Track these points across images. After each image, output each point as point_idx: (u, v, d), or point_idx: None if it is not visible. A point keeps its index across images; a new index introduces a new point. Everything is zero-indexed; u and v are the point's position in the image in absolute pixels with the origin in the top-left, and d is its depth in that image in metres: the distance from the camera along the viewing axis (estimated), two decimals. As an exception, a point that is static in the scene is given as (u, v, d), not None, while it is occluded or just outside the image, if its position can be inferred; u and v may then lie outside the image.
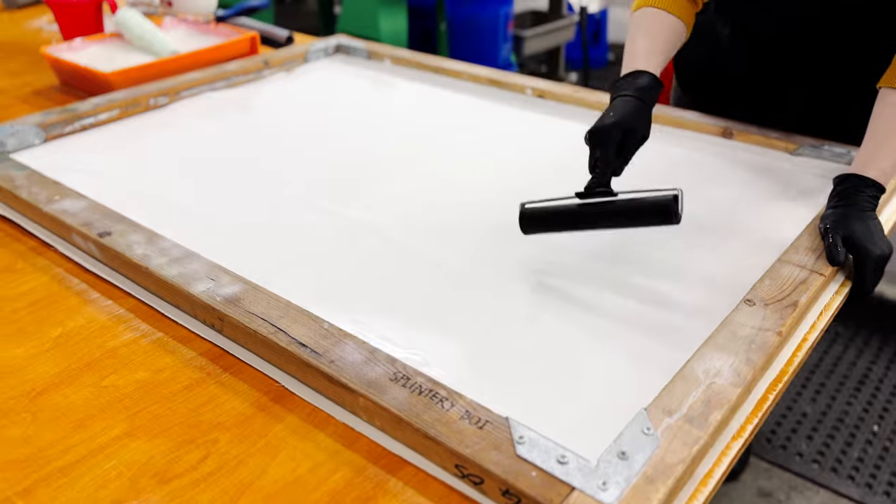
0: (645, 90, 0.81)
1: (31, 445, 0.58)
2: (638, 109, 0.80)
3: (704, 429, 0.55)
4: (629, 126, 0.78)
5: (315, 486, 0.55)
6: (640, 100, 0.81)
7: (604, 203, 0.78)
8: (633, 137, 0.79)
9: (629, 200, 0.76)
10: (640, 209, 0.76)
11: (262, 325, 0.66)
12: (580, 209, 0.78)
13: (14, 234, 0.89)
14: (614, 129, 0.77)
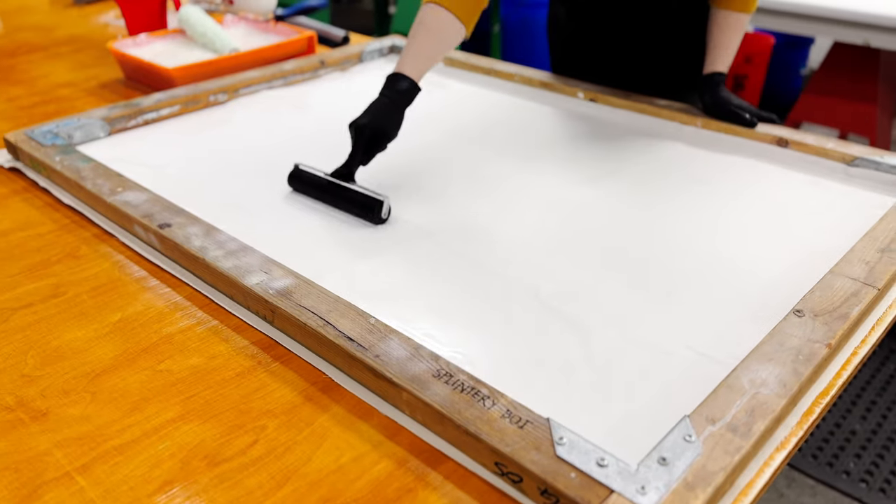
0: (402, 94, 0.95)
1: (90, 424, 0.61)
2: (390, 112, 0.94)
3: (747, 438, 0.55)
4: (379, 127, 0.93)
5: (358, 475, 0.56)
6: (394, 103, 0.94)
7: (337, 186, 0.93)
8: (383, 136, 0.94)
9: (353, 192, 0.92)
10: (355, 201, 0.92)
11: (311, 318, 0.68)
12: (321, 185, 0.95)
13: (79, 221, 0.93)
14: (366, 129, 0.93)
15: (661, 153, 1.09)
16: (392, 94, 0.95)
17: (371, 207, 0.90)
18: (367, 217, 0.91)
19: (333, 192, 0.94)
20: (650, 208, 0.93)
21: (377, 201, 0.89)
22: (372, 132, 0.93)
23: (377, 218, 0.90)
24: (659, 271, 0.81)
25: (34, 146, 1.04)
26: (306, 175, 0.97)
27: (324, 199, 0.95)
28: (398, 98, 0.95)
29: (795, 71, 3.21)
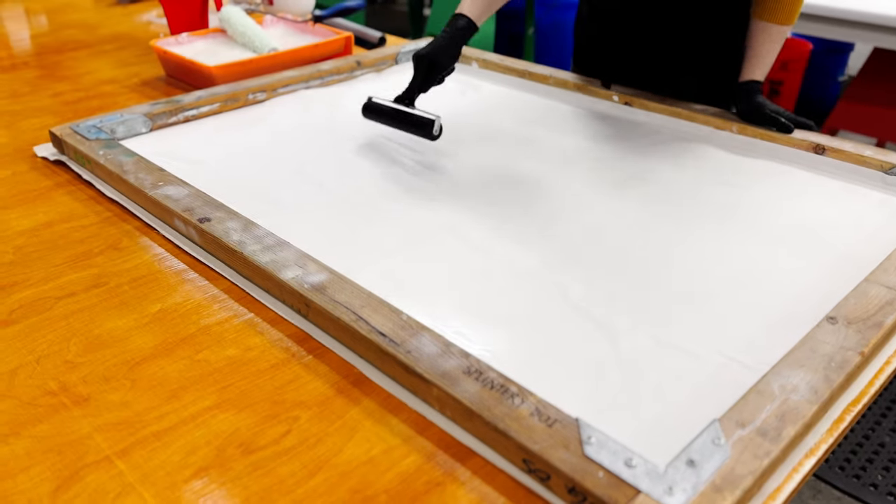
0: (459, 30, 1.09)
1: (130, 410, 0.63)
2: (448, 46, 1.09)
3: (776, 443, 0.55)
4: (436, 59, 1.08)
5: (387, 467, 0.57)
6: (452, 38, 1.09)
7: (398, 110, 1.10)
8: (439, 67, 1.08)
9: (410, 114, 1.09)
10: (412, 121, 1.08)
11: (344, 313, 0.69)
12: (385, 110, 1.12)
13: (121, 214, 0.96)
14: (424, 59, 1.08)
15: (695, 157, 1.09)
16: (451, 30, 1.09)
17: (425, 125, 1.06)
18: (422, 134, 1.07)
19: (394, 115, 1.11)
20: (682, 212, 0.93)
21: (430, 120, 1.06)
22: (430, 62, 1.07)
23: (430, 135, 1.06)
24: (690, 275, 0.81)
25: (79, 140, 1.07)
26: (375, 105, 1.13)
27: (388, 123, 1.12)
28: (456, 34, 1.09)
29: (833, 77, 3.16)
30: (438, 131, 1.06)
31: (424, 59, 1.08)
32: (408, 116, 1.09)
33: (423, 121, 1.07)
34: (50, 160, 1.12)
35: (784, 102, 3.13)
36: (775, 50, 1.11)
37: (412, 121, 1.08)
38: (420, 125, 1.07)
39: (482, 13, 1.11)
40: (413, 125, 1.08)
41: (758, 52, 1.12)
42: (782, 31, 1.10)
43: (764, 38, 1.11)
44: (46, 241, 0.90)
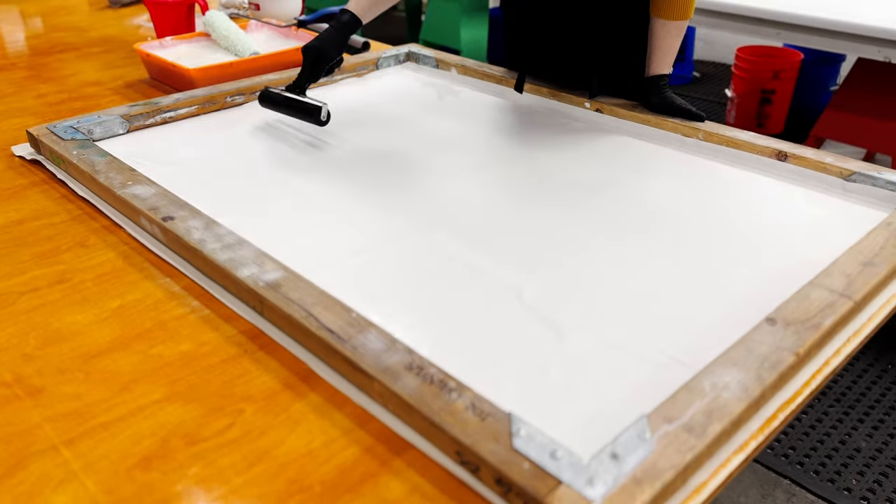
0: (343, 24, 1.19)
1: (81, 402, 0.65)
2: (333, 38, 1.19)
3: (702, 438, 0.57)
4: (323, 50, 1.18)
5: (325, 459, 0.59)
6: (337, 31, 1.19)
7: (290, 98, 1.19)
8: (326, 58, 1.19)
9: (301, 101, 1.17)
10: (302, 108, 1.17)
11: (296, 310, 0.71)
12: (278, 99, 1.20)
13: (91, 213, 0.97)
14: (312, 50, 1.18)
15: (659, 163, 1.10)
16: (337, 24, 1.19)
17: (313, 112, 1.15)
18: (311, 120, 1.16)
19: (286, 103, 1.19)
20: (646, 215, 0.95)
21: (318, 107, 1.15)
22: (317, 53, 1.18)
23: (318, 120, 1.15)
24: (642, 276, 0.82)
25: (54, 140, 1.09)
26: (269, 94, 1.22)
27: (282, 111, 1.21)
28: (341, 27, 1.19)
29: (825, 87, 3.18)
30: (326, 117, 1.15)
31: (312, 50, 1.17)
32: (298, 104, 1.17)
33: (311, 107, 1.15)
34: (27, 159, 1.14)
35: (776, 111, 3.15)
36: (676, 43, 1.18)
37: (302, 108, 1.16)
38: (309, 111, 1.15)
39: (367, 10, 1.20)
40: (303, 112, 1.16)
41: (660, 46, 1.18)
42: (679, 26, 1.17)
43: (664, 34, 1.17)
44: (16, 238, 0.91)
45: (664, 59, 1.19)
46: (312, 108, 1.15)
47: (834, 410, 1.69)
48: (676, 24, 1.16)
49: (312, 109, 1.15)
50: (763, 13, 2.15)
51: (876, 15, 2.02)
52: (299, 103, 1.17)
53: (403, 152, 1.15)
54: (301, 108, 1.17)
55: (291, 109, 1.19)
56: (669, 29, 1.16)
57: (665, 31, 1.17)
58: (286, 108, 1.20)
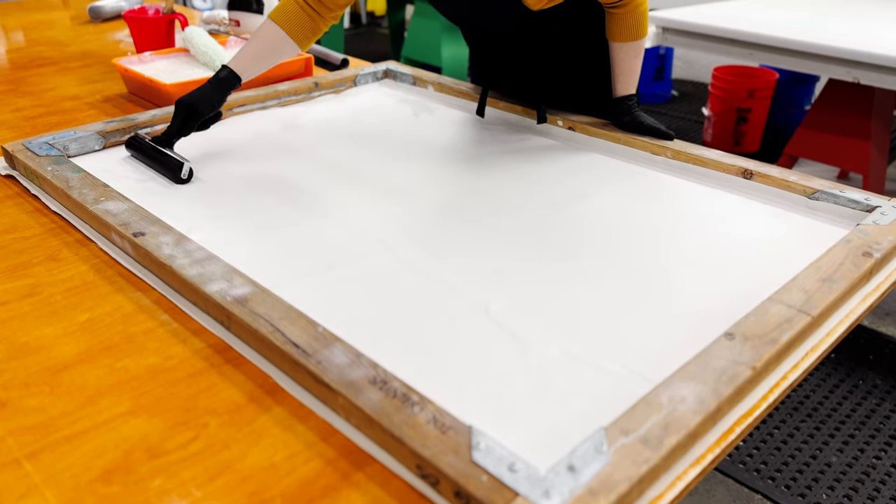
0: (220, 81, 1.15)
1: (45, 415, 0.65)
2: (209, 94, 1.14)
3: (657, 451, 0.58)
4: (195, 106, 1.13)
5: (287, 472, 0.60)
6: (213, 87, 1.14)
7: (154, 150, 1.13)
8: (198, 113, 1.13)
9: (165, 154, 1.11)
10: (164, 163, 1.11)
11: (262, 325, 0.71)
12: (145, 147, 1.15)
13: (64, 227, 0.98)
14: (182, 105, 1.13)
15: (627, 179, 1.12)
16: (214, 80, 1.15)
17: (174, 168, 1.09)
18: (171, 176, 1.10)
19: (150, 154, 1.14)
20: (612, 232, 0.96)
21: (179, 163, 1.09)
22: (187, 108, 1.13)
23: (178, 178, 1.09)
24: (609, 291, 0.83)
25: (29, 156, 1.10)
26: (136, 142, 1.17)
27: (145, 161, 1.15)
28: (217, 84, 1.15)
29: (799, 106, 3.23)
30: (187, 175, 1.09)
31: (183, 105, 1.12)
32: (162, 157, 1.11)
33: (174, 163, 1.09)
34: (1, 174, 1.14)
35: (752, 130, 3.20)
36: (637, 63, 1.21)
37: (164, 162, 1.10)
38: (170, 167, 1.09)
39: (247, 67, 1.17)
40: (164, 166, 1.10)
41: (622, 69, 1.21)
42: (636, 47, 1.19)
43: (623, 56, 1.20)
44: (-14, 252, 0.92)
45: (628, 80, 1.21)
46: (174, 164, 1.09)
47: (805, 426, 1.71)
48: (633, 45, 1.18)
49: (174, 166, 1.09)
50: (737, 34, 2.19)
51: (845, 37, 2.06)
52: (163, 157, 1.11)
53: (375, 169, 1.16)
54: (163, 163, 1.11)
55: (154, 162, 1.13)
56: (627, 50, 1.19)
57: (623, 53, 1.19)
58: (149, 160, 1.14)
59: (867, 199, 0.99)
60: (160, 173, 1.11)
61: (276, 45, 1.19)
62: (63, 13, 2.35)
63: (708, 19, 2.30)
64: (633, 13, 1.15)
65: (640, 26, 1.17)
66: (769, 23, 2.26)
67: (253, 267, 0.84)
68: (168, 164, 1.10)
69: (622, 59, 1.20)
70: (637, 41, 1.18)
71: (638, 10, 1.15)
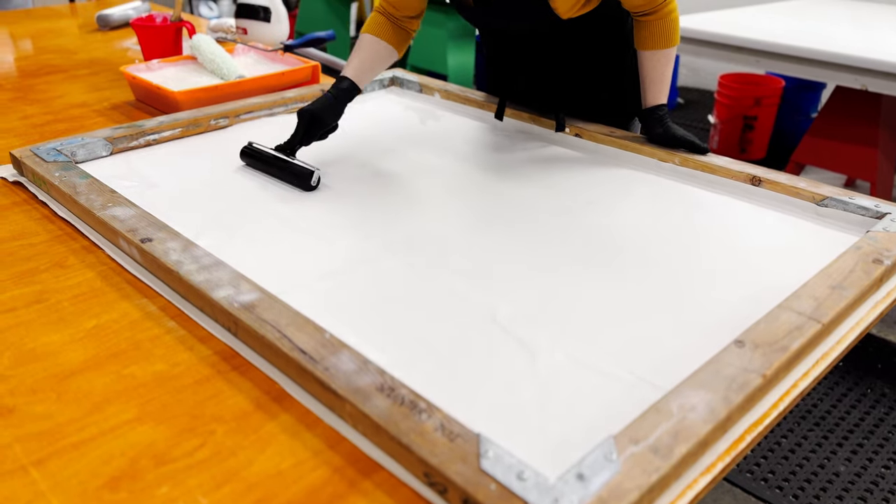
0: (343, 91, 1.16)
1: (52, 421, 0.65)
2: (332, 105, 1.15)
3: (667, 460, 0.57)
4: (319, 115, 1.13)
5: (294, 479, 0.59)
6: (336, 98, 1.16)
7: (279, 158, 1.13)
8: (321, 123, 1.14)
9: (291, 163, 1.11)
10: (292, 171, 1.10)
11: (269, 331, 0.71)
12: (266, 158, 1.14)
13: (71, 233, 0.98)
14: (306, 114, 1.13)
15: (636, 187, 1.12)
16: (335, 91, 1.16)
17: (304, 176, 1.09)
18: (300, 185, 1.09)
19: (275, 163, 1.13)
20: (620, 238, 0.96)
21: (309, 171, 1.08)
22: (311, 117, 1.13)
23: (308, 185, 1.08)
24: (618, 298, 0.83)
25: (37, 162, 1.10)
26: (254, 150, 1.16)
27: (266, 170, 1.14)
28: (340, 94, 1.16)
29: (806, 114, 3.22)
30: (317, 182, 1.09)
31: (307, 114, 1.13)
32: (288, 165, 1.11)
33: (302, 171, 1.09)
34: (9, 181, 1.14)
35: (758, 137, 3.19)
36: (668, 72, 1.17)
37: (292, 170, 1.10)
38: (299, 175, 1.09)
39: (364, 74, 1.20)
40: (292, 174, 1.10)
41: (653, 78, 1.17)
42: (667, 55, 1.16)
43: (654, 64, 1.16)
44: (-6, 259, 0.92)
45: (658, 89, 1.18)
46: (304, 172, 1.09)
47: (813, 434, 1.70)
48: (664, 53, 1.15)
49: (304, 174, 1.09)
50: (743, 41, 2.19)
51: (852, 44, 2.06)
52: (289, 165, 1.11)
53: (382, 176, 1.16)
54: (290, 171, 1.10)
55: (279, 170, 1.12)
56: (659, 58, 1.15)
57: (654, 61, 1.16)
58: (273, 168, 1.13)
59: (877, 206, 0.98)
60: (284, 181, 1.11)
61: (382, 54, 1.22)
62: (71, 21, 2.36)
63: (714, 27, 2.30)
64: (665, 20, 1.13)
65: (672, 34, 1.14)
66: (775, 30, 2.25)
67: (260, 273, 0.83)
68: (296, 172, 1.10)
69: (653, 68, 1.16)
70: (668, 49, 1.15)
71: (669, 18, 1.13)
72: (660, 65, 1.16)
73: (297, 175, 1.09)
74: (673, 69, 1.17)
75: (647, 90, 1.19)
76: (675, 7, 1.14)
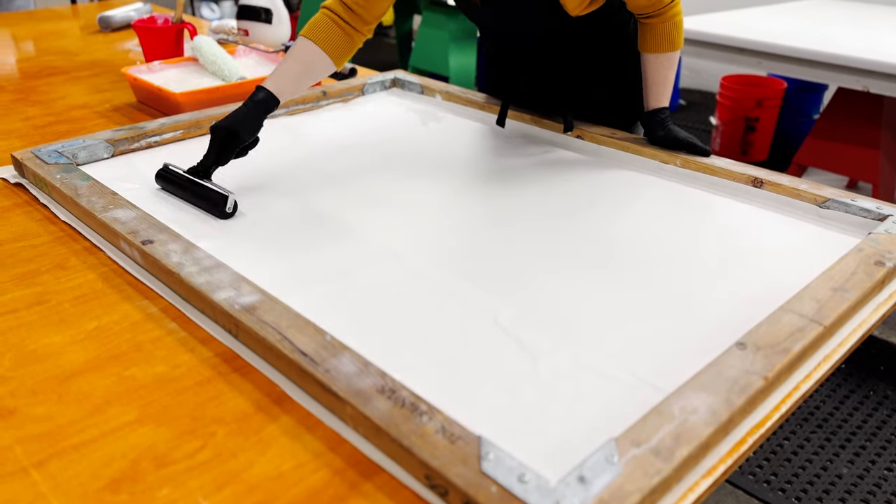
0: (258, 103, 1.06)
1: (52, 423, 0.65)
2: (247, 118, 1.05)
3: (669, 462, 0.57)
4: (233, 130, 1.03)
5: (295, 482, 0.59)
6: (251, 110, 1.05)
7: (192, 182, 1.02)
8: (237, 139, 1.03)
9: (204, 187, 1.00)
10: (204, 196, 1.00)
11: (270, 333, 0.71)
12: (178, 180, 1.03)
13: (72, 235, 0.98)
14: (219, 130, 1.03)
15: (640, 188, 1.12)
16: (251, 103, 1.06)
17: (217, 202, 0.99)
18: (214, 211, 0.99)
19: (186, 187, 1.03)
20: (621, 240, 0.96)
21: (223, 196, 0.98)
22: (225, 133, 1.03)
23: (223, 213, 0.98)
24: (620, 300, 0.83)
25: (38, 164, 1.10)
26: (168, 173, 1.06)
27: (180, 195, 1.04)
28: (255, 106, 1.06)
29: (808, 115, 3.22)
30: (232, 209, 0.98)
31: (221, 130, 1.03)
32: (201, 190, 1.00)
33: (215, 196, 0.98)
34: (10, 182, 1.14)
35: (760, 139, 3.19)
36: (671, 75, 1.16)
37: (204, 195, 1.00)
38: (212, 201, 0.98)
39: (286, 88, 1.08)
40: (205, 199, 1.00)
41: (655, 81, 1.16)
42: (671, 58, 1.15)
43: (657, 67, 1.16)
44: (-5, 260, 0.92)
45: (660, 92, 1.17)
46: (217, 198, 0.98)
47: (816, 437, 1.70)
48: (668, 57, 1.15)
49: (217, 199, 0.98)
50: (745, 43, 2.19)
51: (854, 46, 2.06)
52: (201, 189, 1.00)
53: (384, 178, 1.16)
54: (204, 196, 1.00)
55: (192, 195, 1.01)
56: (662, 62, 1.15)
57: (657, 64, 1.15)
58: (186, 193, 1.02)
59: (879, 208, 0.98)
60: (200, 207, 1.01)
61: (313, 64, 1.11)
62: (73, 23, 2.36)
63: (716, 28, 2.29)
64: (669, 23, 1.12)
65: (675, 37, 1.14)
66: (777, 32, 2.25)
67: (261, 275, 0.83)
68: (209, 198, 0.99)
69: (656, 71, 1.16)
70: (672, 52, 1.14)
71: (673, 21, 1.12)
72: (663, 68, 1.16)
73: (210, 200, 0.99)
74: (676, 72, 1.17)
75: (650, 93, 1.18)
76: (680, 10, 1.13)
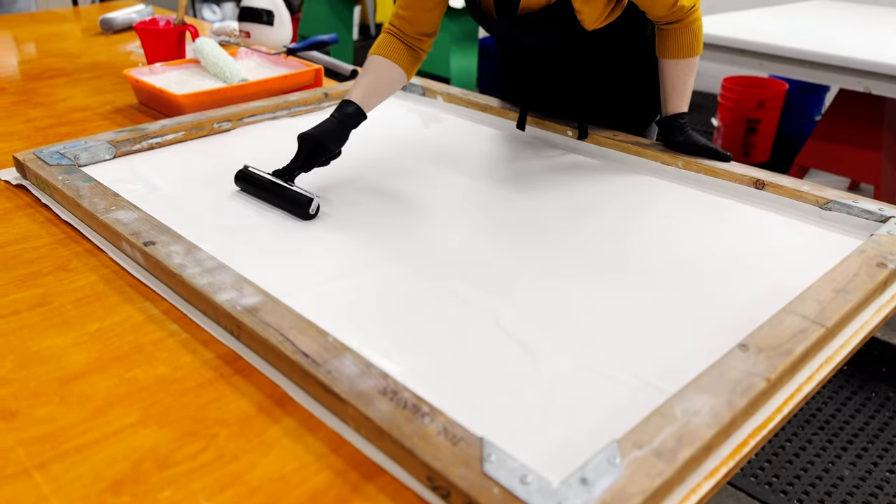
0: (348, 116, 1.09)
1: (55, 425, 0.65)
2: (335, 130, 1.08)
3: (671, 464, 0.57)
4: (322, 141, 1.06)
5: (297, 484, 0.59)
6: (340, 123, 1.08)
7: (276, 184, 1.05)
8: (324, 149, 1.06)
9: (289, 189, 1.03)
10: (289, 198, 1.03)
11: (272, 335, 0.71)
12: (263, 183, 1.06)
13: (74, 236, 0.98)
14: (309, 139, 1.06)
15: (642, 190, 1.12)
16: (340, 115, 1.09)
17: (301, 204, 1.01)
18: (297, 213, 1.02)
19: (272, 189, 1.05)
20: (625, 242, 0.96)
21: (307, 199, 1.01)
22: (314, 142, 1.06)
23: (306, 214, 1.01)
24: (621, 301, 0.83)
25: (40, 165, 1.10)
26: (250, 175, 1.08)
27: (262, 196, 1.07)
28: (345, 119, 1.09)
29: (809, 117, 3.22)
30: (315, 210, 1.01)
31: (310, 139, 1.05)
32: (285, 192, 1.04)
33: (300, 198, 1.01)
34: (12, 184, 1.14)
35: (761, 140, 3.19)
36: (689, 80, 1.16)
37: (289, 197, 1.03)
38: (296, 203, 1.02)
39: (370, 98, 1.13)
40: (288, 201, 1.03)
41: (675, 86, 1.16)
42: (691, 63, 1.15)
43: (677, 73, 1.15)
44: (-3, 262, 0.92)
45: (680, 98, 1.16)
46: (302, 200, 1.01)
47: (818, 438, 1.70)
48: (688, 62, 1.14)
49: (302, 201, 1.01)
50: (747, 44, 2.19)
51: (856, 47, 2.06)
52: (286, 192, 1.03)
53: (385, 179, 1.16)
54: (287, 198, 1.03)
55: (275, 197, 1.04)
56: (682, 67, 1.14)
57: (677, 70, 1.14)
58: (269, 195, 1.05)
59: (881, 210, 0.98)
60: (281, 208, 1.04)
61: (391, 77, 1.17)
62: (75, 25, 2.37)
63: (717, 29, 2.29)
64: (689, 28, 1.11)
65: (696, 42, 1.13)
66: (779, 33, 2.25)
67: (263, 276, 0.83)
68: (294, 200, 1.02)
69: (675, 77, 1.15)
70: (691, 58, 1.14)
71: (693, 27, 1.11)
72: (682, 74, 1.15)
73: (295, 202, 1.02)
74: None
75: (669, 98, 1.17)
76: (700, 15, 1.12)
